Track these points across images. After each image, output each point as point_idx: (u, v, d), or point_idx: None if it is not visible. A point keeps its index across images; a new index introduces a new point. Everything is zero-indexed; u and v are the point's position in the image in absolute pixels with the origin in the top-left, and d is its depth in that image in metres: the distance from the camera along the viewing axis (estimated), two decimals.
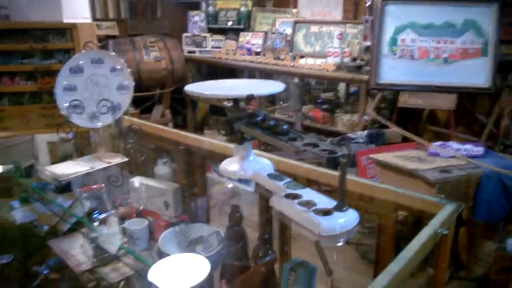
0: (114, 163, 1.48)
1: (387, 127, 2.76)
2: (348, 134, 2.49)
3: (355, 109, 3.28)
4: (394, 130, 2.61)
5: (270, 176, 1.27)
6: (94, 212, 1.73)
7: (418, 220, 1.18)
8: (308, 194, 1.16)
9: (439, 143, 2.42)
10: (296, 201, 1.11)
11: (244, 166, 1.29)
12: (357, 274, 2.27)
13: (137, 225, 1.66)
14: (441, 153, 2.32)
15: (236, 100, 1.26)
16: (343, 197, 1.06)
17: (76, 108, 1.46)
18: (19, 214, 1.92)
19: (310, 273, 1.25)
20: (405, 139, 2.64)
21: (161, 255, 1.46)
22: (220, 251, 1.50)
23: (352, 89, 3.40)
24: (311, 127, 3.51)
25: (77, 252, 1.62)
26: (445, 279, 1.42)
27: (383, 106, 3.06)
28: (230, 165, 1.31)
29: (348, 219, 1.05)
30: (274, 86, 1.33)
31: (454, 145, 2.44)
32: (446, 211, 1.07)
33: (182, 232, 1.61)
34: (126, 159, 1.50)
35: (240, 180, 1.34)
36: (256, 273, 1.37)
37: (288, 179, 1.24)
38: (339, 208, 1.06)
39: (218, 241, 1.54)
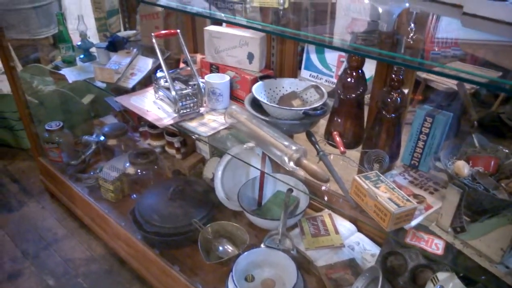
0: None
1: None
2: None
3: None
4: None
5: None
6: (158, 70, 1.50)
7: None
8: None
9: None
10: None
11: None
12: None
13: (218, 79, 1.44)
14: None
15: None
16: None
17: None
18: (69, 74, 1.66)
19: (447, 119, 1.11)
20: None
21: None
22: (325, 104, 1.32)
23: None
24: None
25: (151, 107, 1.41)
26: None
27: None
28: None
29: None
30: None
31: None
32: None
33: (271, 88, 1.41)
34: None
35: None
36: (380, 120, 1.19)
37: None
38: None
39: (318, 95, 1.35)
